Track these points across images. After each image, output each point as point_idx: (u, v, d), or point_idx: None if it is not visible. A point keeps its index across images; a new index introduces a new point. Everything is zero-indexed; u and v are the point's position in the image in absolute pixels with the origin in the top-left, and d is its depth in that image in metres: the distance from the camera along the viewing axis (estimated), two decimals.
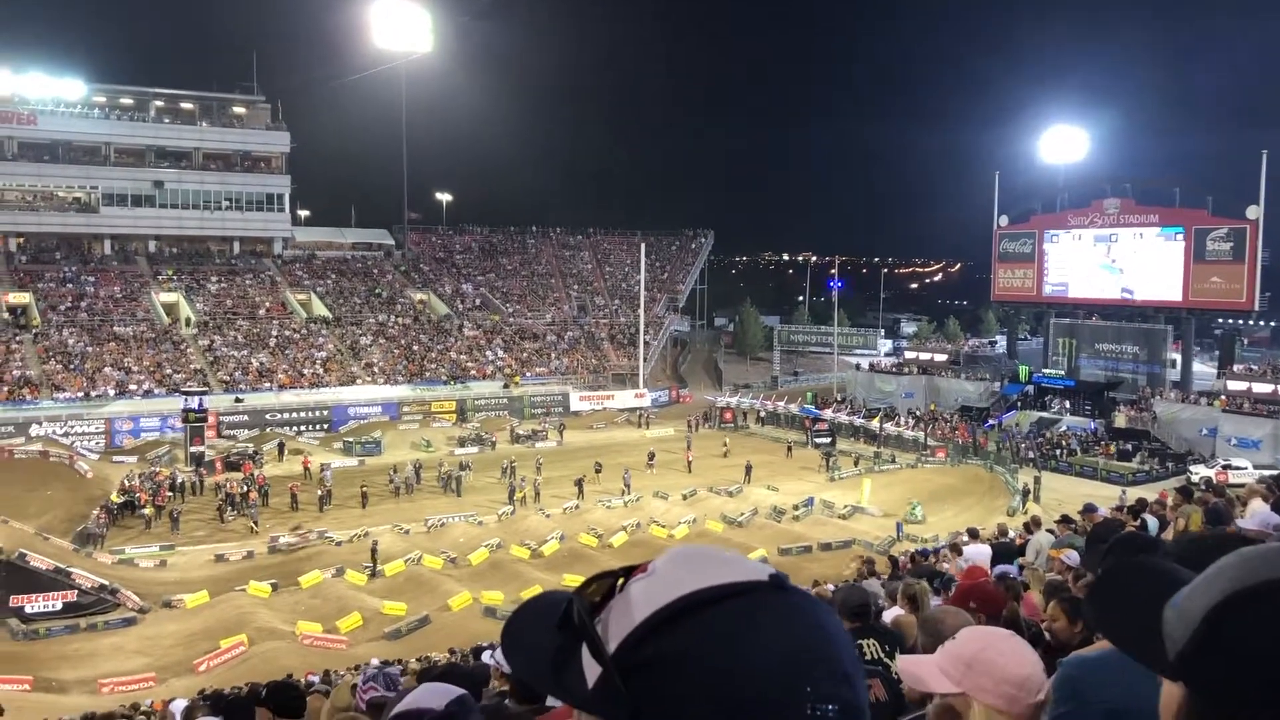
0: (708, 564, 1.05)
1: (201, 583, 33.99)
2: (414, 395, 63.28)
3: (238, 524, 40.99)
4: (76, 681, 27.34)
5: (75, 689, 26.74)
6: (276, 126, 77.75)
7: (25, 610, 30.53)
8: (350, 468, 49.64)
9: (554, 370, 71.43)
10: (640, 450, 53.05)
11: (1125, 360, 60.81)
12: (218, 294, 69.78)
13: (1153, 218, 58.55)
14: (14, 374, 55.93)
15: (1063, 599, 5.26)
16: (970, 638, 2.23)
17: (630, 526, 40.13)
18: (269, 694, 5.05)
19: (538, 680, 1.08)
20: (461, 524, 40.65)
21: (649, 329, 76.34)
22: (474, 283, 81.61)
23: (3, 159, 68.79)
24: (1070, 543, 9.64)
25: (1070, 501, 33.37)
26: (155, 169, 72.92)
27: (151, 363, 59.90)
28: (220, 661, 27.88)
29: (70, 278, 67.25)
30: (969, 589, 5.89)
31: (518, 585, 34.25)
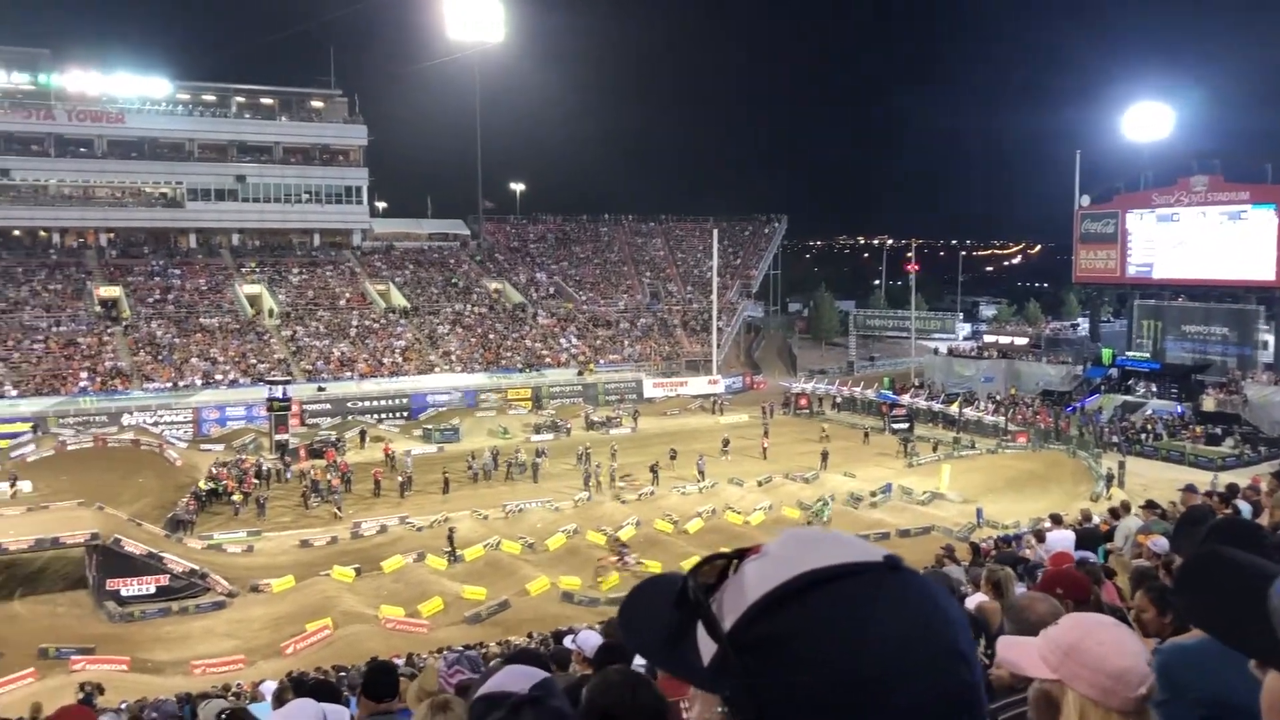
0: (822, 545, 1.07)
1: (287, 568, 34.82)
2: (490, 383, 63.98)
3: (321, 510, 41.90)
4: (170, 662, 28.21)
5: (169, 670, 27.61)
6: (353, 120, 79.02)
7: (121, 593, 31.58)
8: (430, 454, 50.40)
9: (627, 357, 71.67)
10: (714, 437, 53.00)
11: (1214, 342, 59.02)
12: (299, 285, 71.25)
13: (1243, 195, 56.63)
14: (106, 365, 57.82)
15: (1151, 587, 5.17)
16: (1072, 624, 2.21)
17: (705, 513, 40.16)
18: (367, 674, 5.18)
19: (653, 656, 1.12)
20: (538, 510, 41.07)
21: (722, 315, 76.12)
22: (548, 271, 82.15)
23: (93, 157, 71.04)
24: (1158, 528, 9.45)
25: (1156, 487, 32.57)
26: (237, 164, 74.65)
27: (236, 353, 61.45)
28: (306, 645, 28.55)
29: (158, 271, 69.21)
30: (1055, 575, 5.82)
31: (595, 570, 34.58)
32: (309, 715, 2.95)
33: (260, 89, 78.08)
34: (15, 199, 68.86)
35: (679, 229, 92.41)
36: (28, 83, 68.38)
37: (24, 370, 56.03)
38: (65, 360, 57.53)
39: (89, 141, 71.18)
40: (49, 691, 24.03)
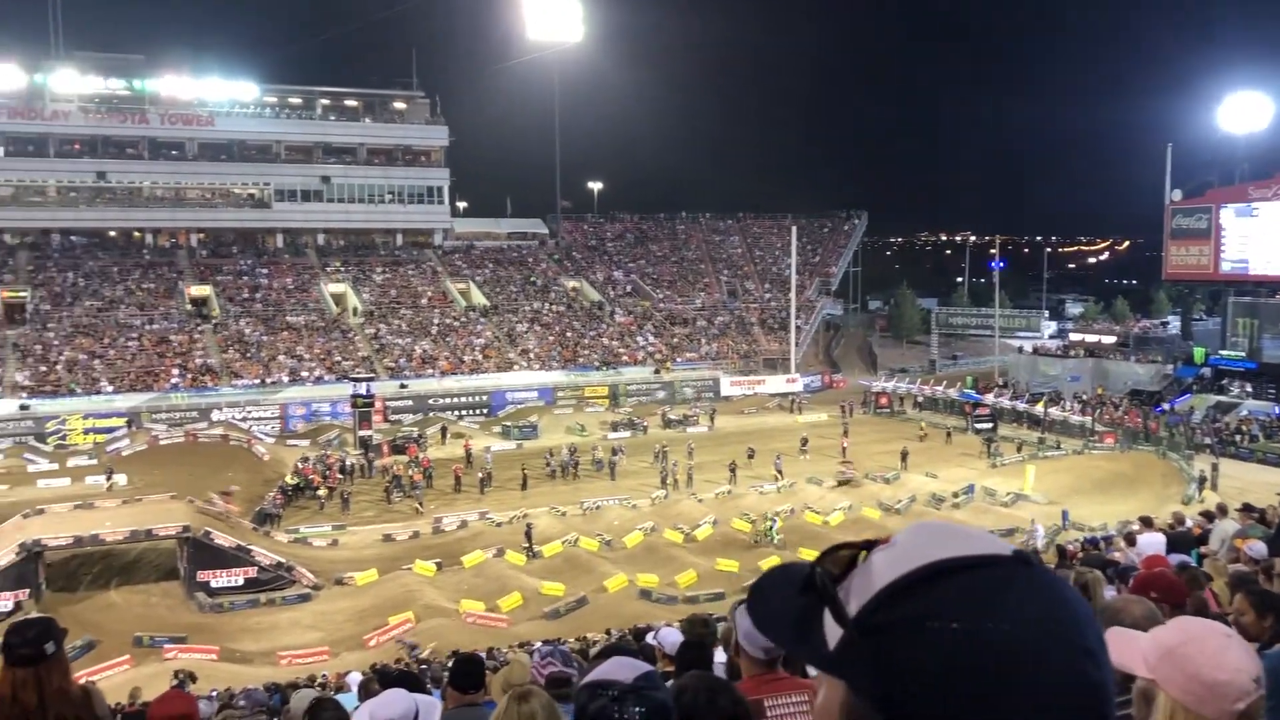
0: (951, 536, 1.08)
1: (371, 561, 35.41)
2: (568, 381, 64.39)
3: (403, 505, 42.56)
4: (258, 652, 28.89)
5: (257, 659, 28.27)
6: (435, 121, 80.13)
7: (211, 585, 32.44)
8: (509, 451, 50.90)
9: (704, 355, 71.56)
10: (793, 436, 52.66)
11: None
12: (382, 284, 72.48)
13: None
14: (197, 362, 59.47)
15: (1251, 591, 5.01)
16: (1177, 628, 2.15)
17: (784, 512, 39.90)
18: (454, 666, 5.25)
19: (781, 641, 1.15)
20: (616, 507, 41.21)
21: (800, 313, 75.59)
22: (625, 269, 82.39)
23: (185, 159, 73.10)
24: (1256, 533, 9.15)
25: (1253, 490, 31.58)
26: (323, 165, 76.24)
27: (322, 350, 62.74)
28: (389, 637, 29.03)
29: (246, 271, 70.98)
30: (1149, 578, 5.67)
31: (672, 569, 34.61)
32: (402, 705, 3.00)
33: (345, 91, 79.62)
34: (111, 200, 71.22)
35: (757, 226, 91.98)
36: (124, 88, 70.71)
37: (119, 367, 57.90)
38: (158, 357, 59.32)
39: (181, 144, 73.25)
40: (143, 678, 24.78)
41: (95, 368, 57.43)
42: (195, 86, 72.14)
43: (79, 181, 70.43)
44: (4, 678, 3.62)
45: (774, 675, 3.73)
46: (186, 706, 3.77)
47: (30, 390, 54.44)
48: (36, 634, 3.67)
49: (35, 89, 68.32)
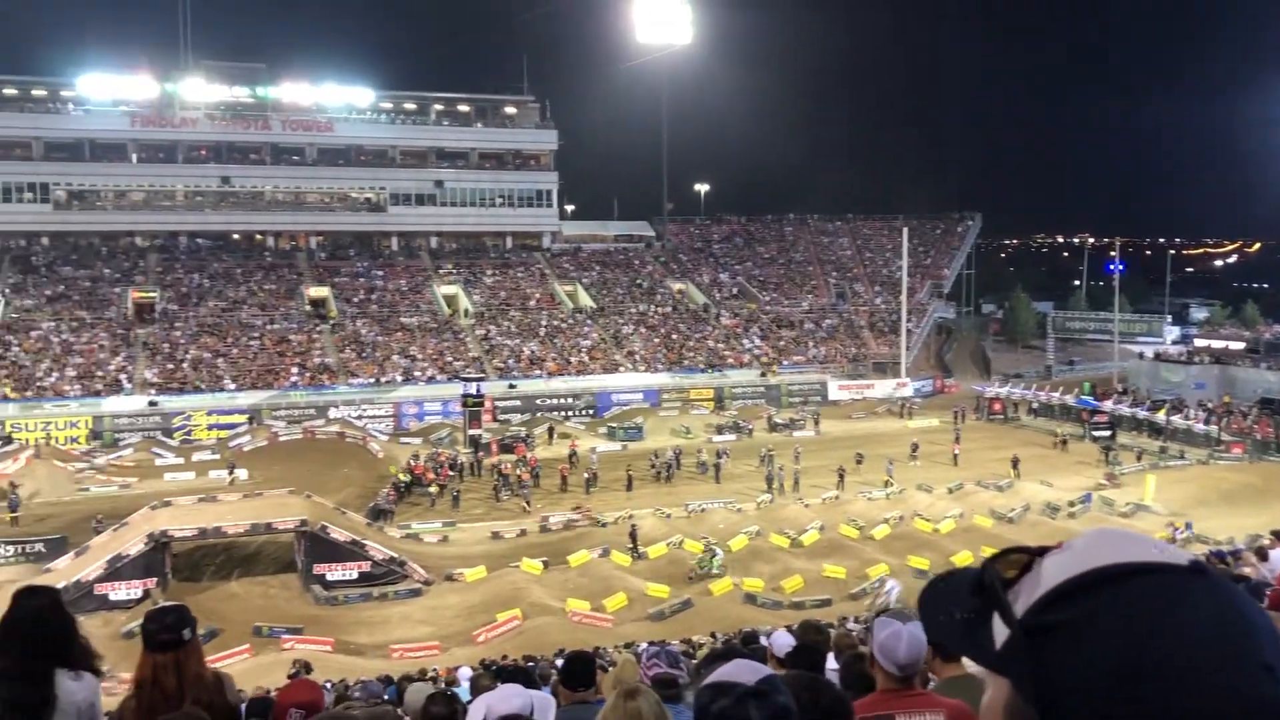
0: (1125, 543, 1.07)
1: (479, 558, 35.96)
2: (673, 383, 64.46)
3: (511, 503, 43.15)
4: (371, 645, 29.58)
5: (370, 652, 28.94)
6: (545, 125, 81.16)
7: (326, 578, 33.35)
8: (614, 452, 51.19)
9: (812, 358, 70.87)
10: (902, 441, 51.78)
11: None
12: (492, 286, 73.66)
13: None
14: (315, 361, 61.30)
15: None
16: None
17: (893, 519, 39.27)
18: (566, 663, 5.29)
19: (949, 640, 1.17)
20: (721, 510, 41.06)
21: (911, 316, 74.32)
22: (731, 272, 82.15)
23: (304, 164, 75.53)
24: None
25: None
26: (436, 169, 77.88)
27: (434, 351, 64.06)
28: (497, 634, 29.45)
29: (362, 273, 72.90)
30: None
31: (777, 573, 34.34)
32: (519, 700, 3.03)
33: (457, 96, 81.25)
34: (235, 204, 73.97)
35: (866, 228, 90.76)
36: (247, 95, 73.40)
37: (241, 365, 60.02)
38: (278, 356, 61.33)
39: (300, 149, 75.67)
40: (261, 667, 25.61)
41: (219, 366, 59.67)
42: (314, 93, 74.48)
43: (205, 186, 73.32)
44: (145, 662, 3.77)
45: (909, 691, 3.66)
46: (313, 694, 3.88)
47: (158, 387, 56.84)
48: (174, 620, 3.81)
49: (166, 98, 71.39)
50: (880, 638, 3.73)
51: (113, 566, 31.31)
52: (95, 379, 56.90)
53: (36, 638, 3.61)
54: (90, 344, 59.85)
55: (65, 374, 56.90)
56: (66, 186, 70.49)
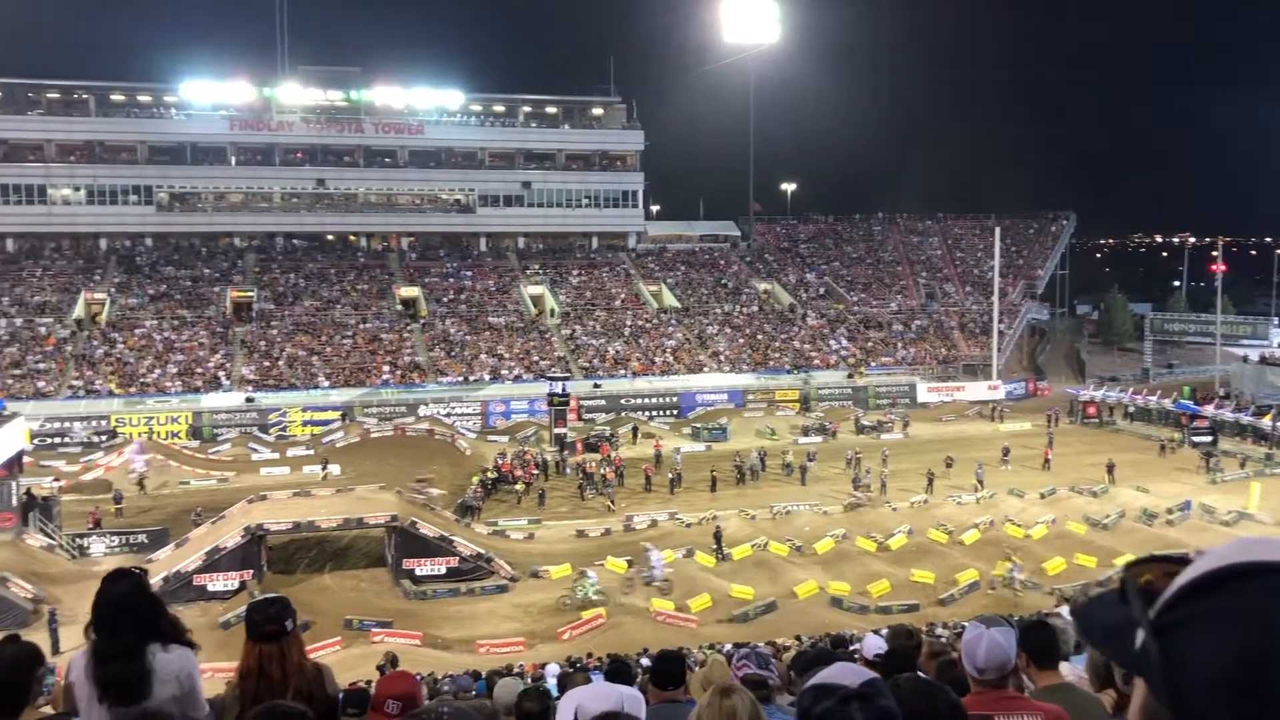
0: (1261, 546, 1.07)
1: (564, 556, 36.19)
2: (758, 384, 64.17)
3: (596, 502, 43.38)
4: (458, 640, 29.92)
5: (457, 647, 29.28)
6: (631, 126, 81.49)
7: (415, 572, 33.87)
8: (698, 452, 51.14)
9: (900, 360, 69.92)
10: (993, 445, 50.82)
11: None
12: (578, 286, 74.16)
13: None
14: (405, 359, 62.40)
15: None
16: None
17: (983, 524, 38.52)
18: (655, 662, 5.30)
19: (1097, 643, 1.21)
20: (806, 513, 40.73)
21: (1003, 317, 72.86)
22: (818, 271, 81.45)
23: (396, 166, 76.97)
24: None
25: None
26: (523, 170, 78.73)
27: (521, 350, 64.73)
28: (581, 631, 29.59)
29: (452, 273, 74.00)
30: None
31: (864, 577, 33.93)
32: (610, 697, 3.04)
33: (545, 98, 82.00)
34: (329, 206, 75.70)
35: (957, 227, 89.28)
36: (342, 99, 75.09)
37: (335, 363, 61.37)
38: (370, 354, 62.57)
39: (393, 152, 77.10)
40: (352, 659, 26.17)
41: (313, 363, 61.10)
42: (406, 96, 75.85)
43: (301, 188, 75.16)
44: (249, 652, 3.87)
45: (1003, 694, 3.60)
46: (410, 686, 3.95)
47: (255, 384, 58.42)
48: (278, 611, 3.92)
49: (263, 102, 73.42)
50: (964, 642, 3.69)
51: (211, 558, 32.20)
52: (195, 375, 58.74)
53: (126, 617, 3.75)
54: (191, 341, 61.80)
55: (167, 370, 58.85)
56: (169, 189, 72.90)
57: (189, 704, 3.80)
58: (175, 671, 3.74)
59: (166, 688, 3.70)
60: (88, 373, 57.68)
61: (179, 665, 3.77)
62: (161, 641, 3.78)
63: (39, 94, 73.23)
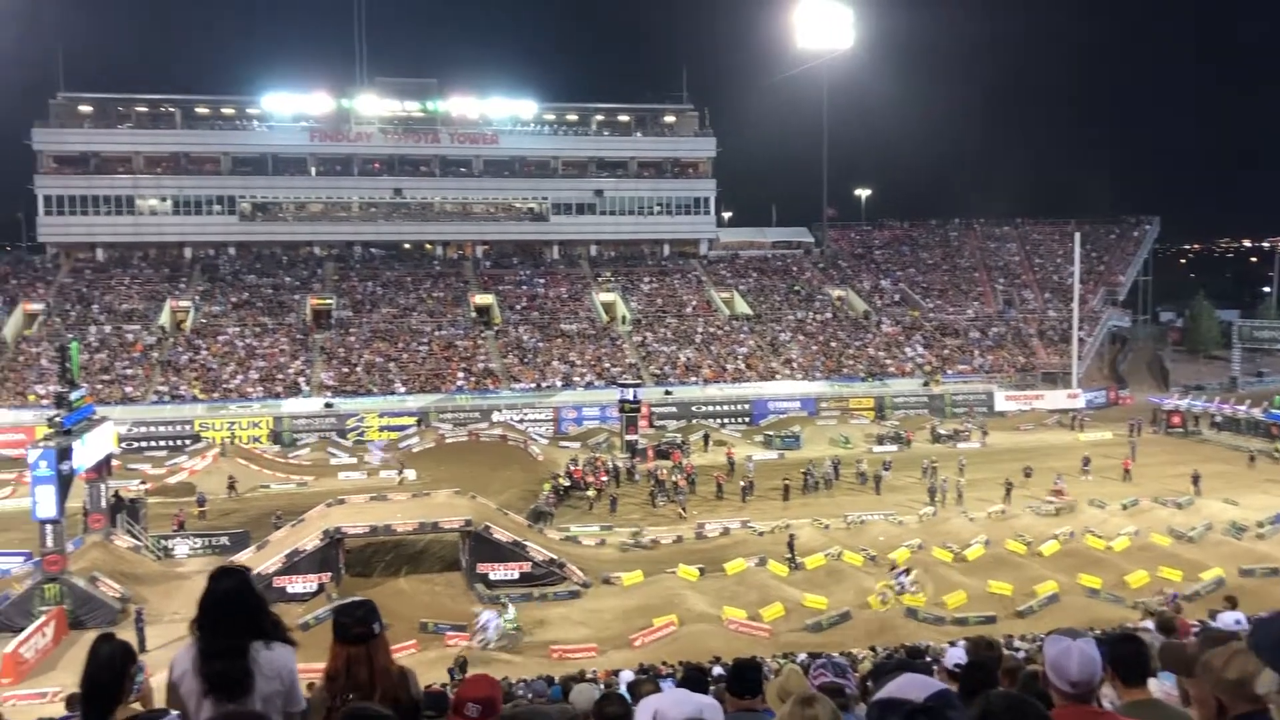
0: None
1: (636, 563, 36.23)
2: (832, 391, 63.65)
3: (667, 509, 43.36)
4: (530, 645, 30.10)
5: (529, 651, 29.45)
6: (703, 133, 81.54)
7: (489, 577, 34.18)
8: (770, 460, 50.87)
9: (977, 368, 68.83)
10: (1073, 455, 49.77)
11: None
12: (649, 293, 74.30)
13: None
14: (479, 366, 63.08)
15: None
16: None
17: (1063, 535, 37.73)
18: (733, 670, 5.29)
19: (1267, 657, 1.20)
20: (881, 522, 40.29)
21: (1083, 324, 71.33)
22: (893, 278, 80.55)
23: (471, 175, 77.93)
24: None
25: None
26: (595, 179, 79.18)
27: (592, 357, 65.04)
28: (653, 638, 29.56)
29: (525, 280, 74.66)
30: None
31: (939, 587, 33.44)
32: (689, 705, 3.04)
33: (617, 107, 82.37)
34: (406, 215, 76.93)
35: (1036, 232, 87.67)
36: (418, 110, 76.31)
37: (411, 369, 62.27)
38: (445, 361, 63.37)
39: (468, 161, 78.09)
40: (427, 662, 26.47)
41: (390, 370, 62.07)
42: (480, 106, 76.83)
43: (378, 198, 76.48)
44: (338, 654, 3.96)
45: (1091, 710, 3.53)
46: (492, 690, 4.00)
47: (334, 389, 59.50)
48: (365, 614, 4.00)
49: (342, 113, 74.90)
50: (1052, 655, 3.62)
51: (290, 561, 32.83)
52: (276, 381, 60.03)
53: (232, 615, 3.86)
54: (271, 348, 63.19)
55: (249, 376, 60.23)
56: (251, 199, 74.69)
57: (289, 700, 3.90)
58: (277, 668, 3.84)
59: (269, 684, 3.81)
60: (173, 378, 59.31)
61: (281, 662, 3.88)
62: (264, 639, 3.89)
63: (128, 108, 75.59)
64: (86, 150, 73.30)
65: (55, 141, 72.76)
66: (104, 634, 4.45)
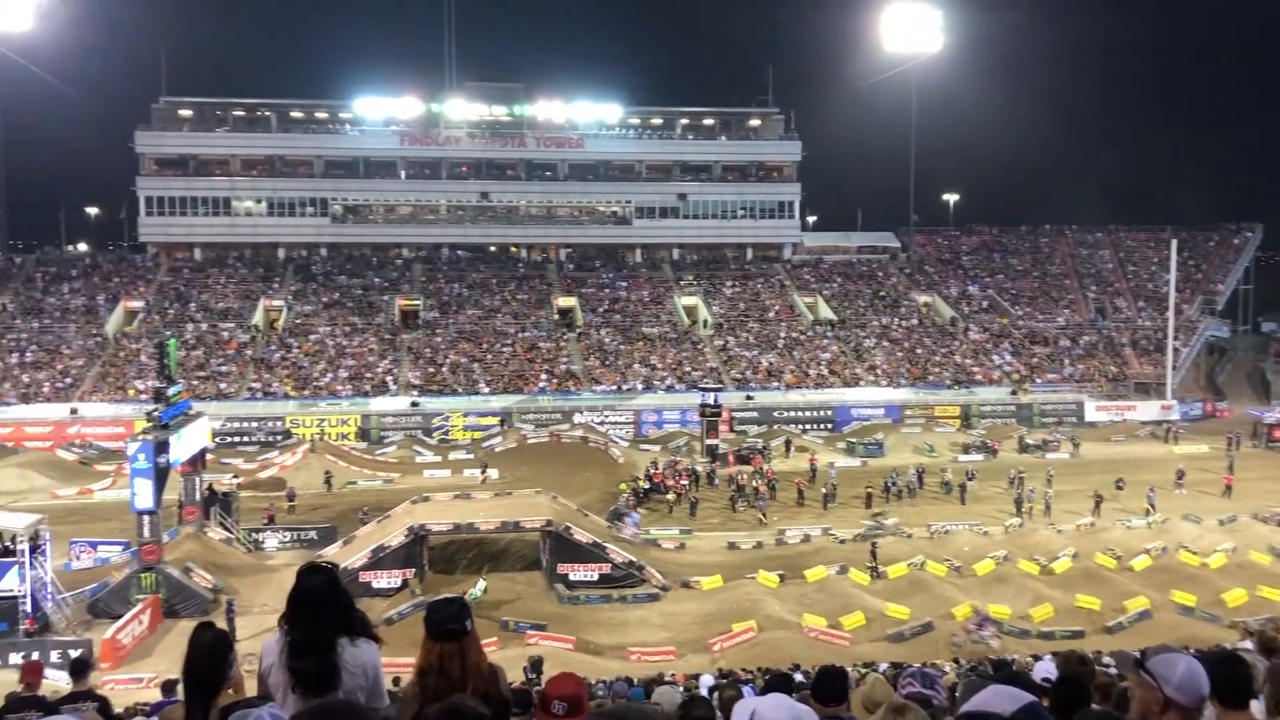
0: None
1: (715, 567, 36.16)
2: (916, 399, 62.75)
3: (747, 515, 43.18)
4: (609, 646, 30.22)
5: (608, 653, 29.57)
6: (788, 136, 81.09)
7: (569, 577, 34.42)
8: (853, 468, 50.35)
9: (1067, 377, 67.26)
10: (1166, 467, 48.32)
11: None
12: (732, 297, 74.09)
13: None
14: (561, 368, 63.56)
15: None
16: None
17: (1155, 550, 36.67)
18: (818, 678, 5.27)
19: None
20: (966, 532, 39.63)
21: (1179, 334, 69.24)
22: (981, 284, 79.11)
23: (556, 179, 78.62)
24: None
25: None
26: (679, 182, 79.27)
27: (673, 360, 65.07)
28: (732, 644, 29.48)
29: (607, 283, 75.03)
30: None
31: (1025, 600, 32.80)
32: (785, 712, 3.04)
33: (702, 110, 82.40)
34: (492, 218, 77.91)
35: (1130, 239, 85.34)
36: (505, 114, 77.21)
37: (495, 370, 63.02)
38: (528, 362, 64.00)
39: (553, 165, 78.77)
40: (507, 660, 26.47)
41: (475, 370, 62.89)
42: (566, 110, 77.43)
43: (466, 201, 77.58)
44: (430, 650, 4.03)
45: None
46: (578, 688, 4.04)
47: (420, 389, 60.47)
48: (457, 611, 4.07)
49: (431, 117, 76.12)
50: (1179, 674, 3.51)
51: (376, 556, 33.46)
52: (364, 380, 61.25)
53: (319, 612, 3.96)
54: (361, 348, 64.48)
55: (338, 375, 61.55)
56: (343, 201, 76.32)
57: (373, 696, 4.00)
58: (363, 664, 3.94)
59: (353, 680, 3.91)
60: (265, 376, 60.88)
61: (366, 659, 3.98)
62: (350, 635, 3.99)
63: (226, 111, 77.77)
64: (186, 153, 75.68)
65: (156, 144, 75.21)
66: (204, 622, 4.60)
